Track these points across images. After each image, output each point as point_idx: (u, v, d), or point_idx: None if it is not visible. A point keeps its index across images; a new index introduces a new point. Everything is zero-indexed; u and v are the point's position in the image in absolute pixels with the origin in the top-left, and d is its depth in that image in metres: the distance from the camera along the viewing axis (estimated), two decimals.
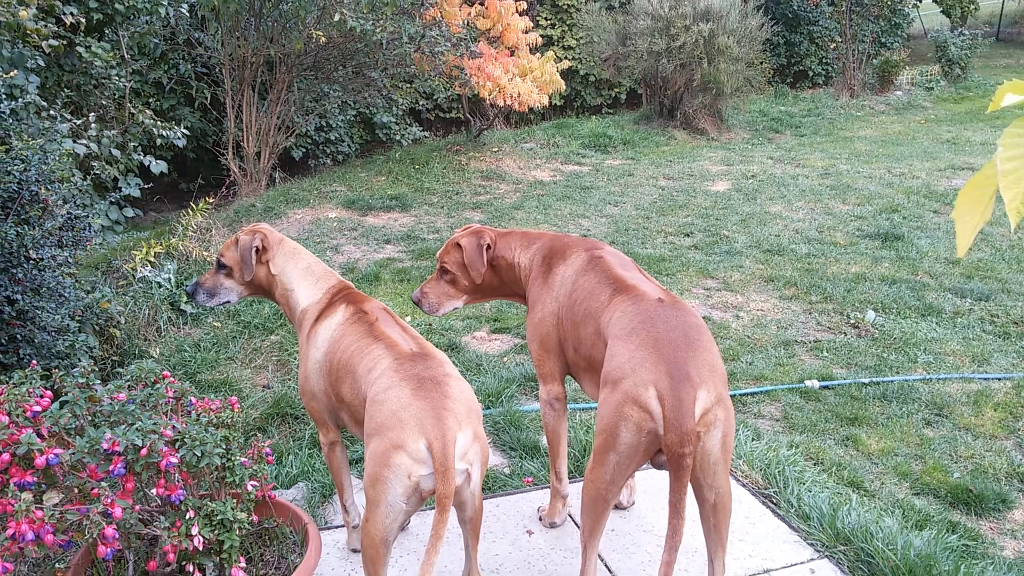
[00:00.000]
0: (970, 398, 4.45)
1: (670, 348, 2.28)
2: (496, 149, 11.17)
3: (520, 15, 10.38)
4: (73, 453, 2.08)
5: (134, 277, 5.69)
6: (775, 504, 3.35)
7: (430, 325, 5.50)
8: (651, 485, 3.45)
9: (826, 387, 4.60)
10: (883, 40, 17.35)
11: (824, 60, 17.46)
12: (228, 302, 3.13)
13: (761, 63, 15.31)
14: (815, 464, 3.81)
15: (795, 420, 4.25)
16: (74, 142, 5.32)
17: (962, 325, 5.44)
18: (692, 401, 2.16)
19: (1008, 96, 1.18)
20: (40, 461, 2.02)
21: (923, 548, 2.90)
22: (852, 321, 5.55)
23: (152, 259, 5.97)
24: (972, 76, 17.35)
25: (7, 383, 2.23)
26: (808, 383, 4.61)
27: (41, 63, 5.13)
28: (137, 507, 2.09)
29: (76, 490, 2.10)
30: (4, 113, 4.18)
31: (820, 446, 3.96)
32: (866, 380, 4.65)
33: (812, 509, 3.21)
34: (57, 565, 2.22)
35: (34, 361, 2.48)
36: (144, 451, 2.07)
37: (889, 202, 8.56)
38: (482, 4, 10.19)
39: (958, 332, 5.34)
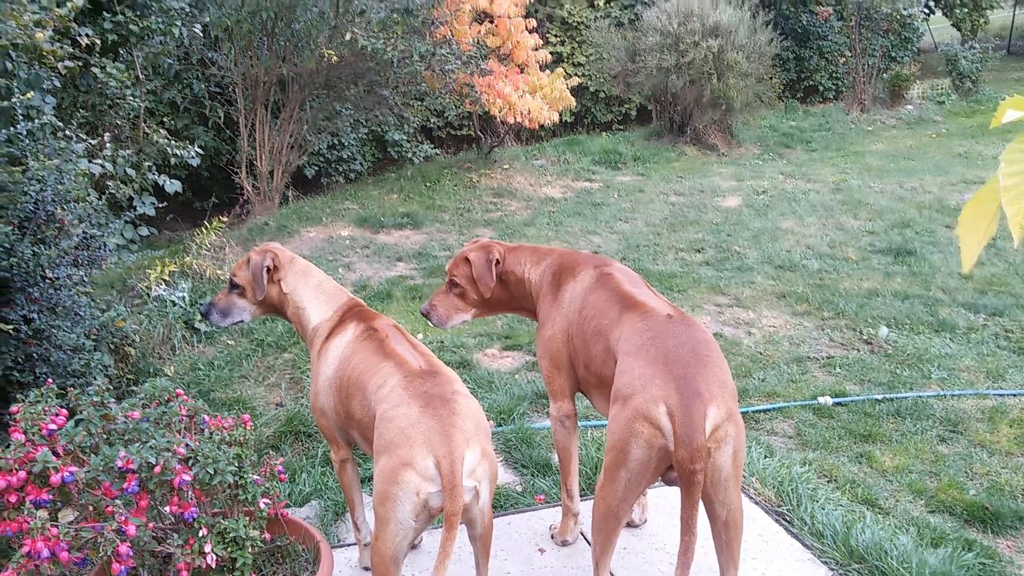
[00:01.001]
0: (985, 414, 4.42)
1: (680, 364, 2.28)
2: (507, 166, 11.22)
3: (530, 33, 10.44)
4: (88, 471, 2.10)
5: (149, 296, 5.74)
6: (788, 522, 3.33)
7: (442, 342, 5.52)
8: (663, 503, 3.43)
9: (839, 404, 4.58)
10: (893, 54, 17.33)
11: (834, 75, 17.46)
12: (242, 321, 3.16)
13: (771, 78, 15.32)
14: (829, 481, 3.79)
15: (808, 437, 4.23)
16: (89, 162, 5.38)
17: (976, 340, 5.41)
18: (702, 417, 2.16)
19: (1009, 112, 1.19)
20: (55, 479, 2.04)
21: (938, 566, 2.87)
22: (865, 337, 5.53)
23: (166, 278, 6.03)
24: (983, 90, 17.29)
25: (23, 402, 2.26)
26: (821, 400, 4.59)
27: (57, 84, 5.19)
28: (151, 525, 2.11)
29: (91, 508, 2.11)
30: (21, 134, 4.24)
31: (833, 463, 3.94)
32: (879, 396, 4.63)
33: (826, 527, 3.19)
34: None
35: (49, 380, 2.51)
36: (158, 469, 2.09)
37: (901, 217, 8.54)
38: (492, 22, 10.26)
39: (972, 348, 5.30)
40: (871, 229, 8.20)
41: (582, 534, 3.21)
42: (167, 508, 2.12)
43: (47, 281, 3.70)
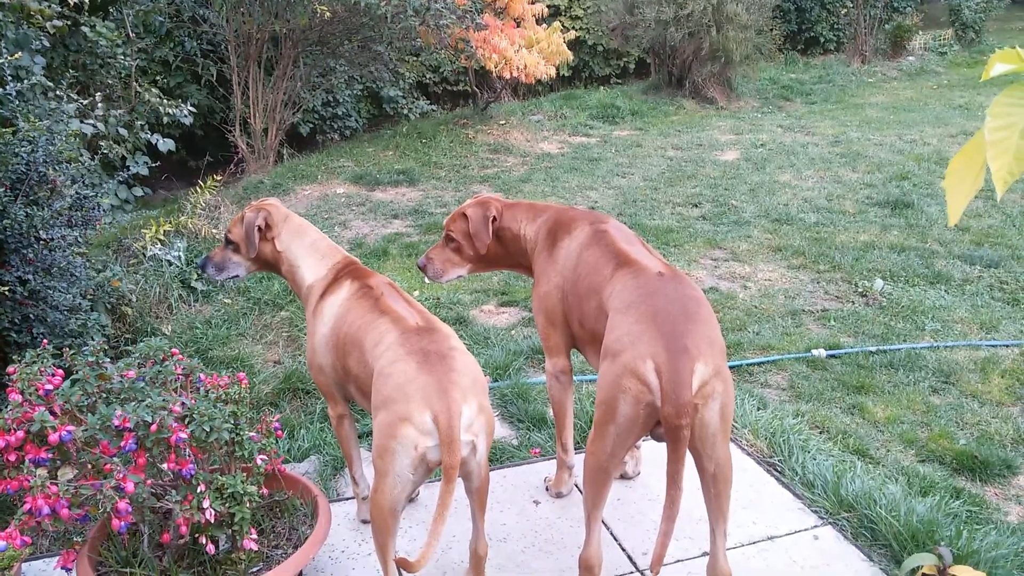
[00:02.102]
0: (977, 365, 4.45)
1: (669, 321, 2.30)
2: (503, 122, 11.13)
3: None
4: (85, 430, 2.13)
5: (144, 255, 5.74)
6: (780, 472, 3.38)
7: (438, 299, 5.54)
8: (657, 456, 3.45)
9: (833, 356, 4.61)
10: (895, 5, 17.05)
11: (835, 26, 17.22)
12: (237, 277, 3.17)
13: (771, 30, 15.12)
14: (821, 432, 3.84)
15: (801, 389, 4.28)
16: (81, 122, 5.35)
17: (971, 292, 5.43)
18: (689, 373, 2.19)
19: (997, 65, 1.18)
20: (54, 438, 2.07)
21: (926, 514, 2.93)
22: (860, 290, 5.54)
23: (162, 237, 6.02)
24: (986, 40, 17.06)
25: (20, 362, 2.28)
26: (815, 352, 4.63)
27: (46, 44, 5.14)
28: (149, 481, 2.15)
29: (89, 465, 2.15)
30: (11, 95, 4.20)
31: (826, 414, 3.99)
32: (873, 348, 4.66)
33: (816, 477, 3.25)
34: (75, 538, 2.28)
35: (45, 340, 2.53)
36: (154, 427, 2.12)
37: (899, 169, 8.50)
38: None
39: (967, 299, 5.33)
40: (869, 182, 8.17)
41: (576, 486, 3.26)
42: (165, 465, 2.16)
43: (41, 242, 3.70)
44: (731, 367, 4.39)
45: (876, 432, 3.87)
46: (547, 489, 3.27)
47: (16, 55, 4.45)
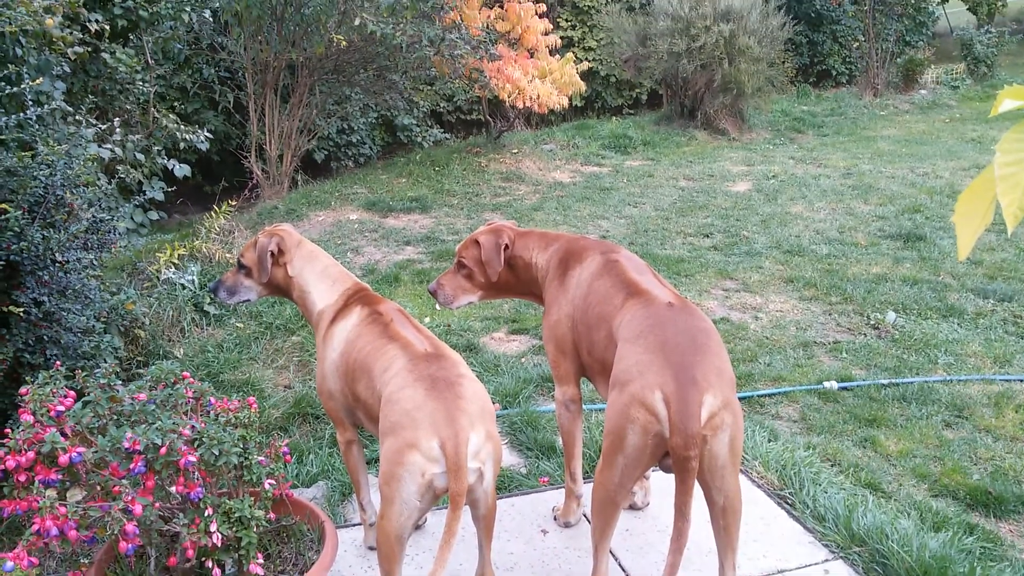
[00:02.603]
0: (991, 400, 4.41)
1: (677, 352, 2.30)
2: (516, 151, 11.21)
3: (539, 17, 10.39)
4: (95, 451, 2.14)
5: (158, 279, 5.78)
6: (791, 505, 3.35)
7: (448, 325, 5.55)
8: (667, 486, 3.45)
9: (845, 388, 4.58)
10: (908, 38, 17.16)
11: (847, 59, 17.32)
12: (248, 300, 3.20)
13: (783, 63, 15.22)
14: (832, 465, 3.80)
15: (813, 421, 4.25)
16: (99, 146, 5.42)
17: (984, 326, 5.39)
18: (698, 405, 2.18)
19: (1006, 102, 1.19)
20: (64, 459, 2.08)
21: (938, 550, 2.89)
22: (872, 322, 5.52)
23: (176, 261, 6.07)
24: (999, 74, 17.12)
25: (32, 383, 2.30)
26: (826, 384, 4.60)
27: (67, 69, 5.22)
28: (157, 504, 2.15)
29: (99, 487, 2.15)
30: (31, 119, 4.27)
31: (837, 447, 3.95)
32: (885, 381, 4.63)
33: (827, 510, 3.21)
34: (82, 560, 2.28)
35: (58, 362, 2.55)
36: (164, 450, 2.13)
37: (912, 202, 8.49)
38: (502, 7, 10.22)
39: (980, 333, 5.29)
40: (881, 214, 8.16)
41: (585, 516, 3.24)
42: (173, 488, 2.16)
43: (57, 264, 3.73)
44: (741, 398, 4.38)
45: (888, 466, 3.84)
46: (555, 518, 3.25)
47: (38, 80, 4.53)
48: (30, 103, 4.39)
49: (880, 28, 16.33)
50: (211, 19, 8.97)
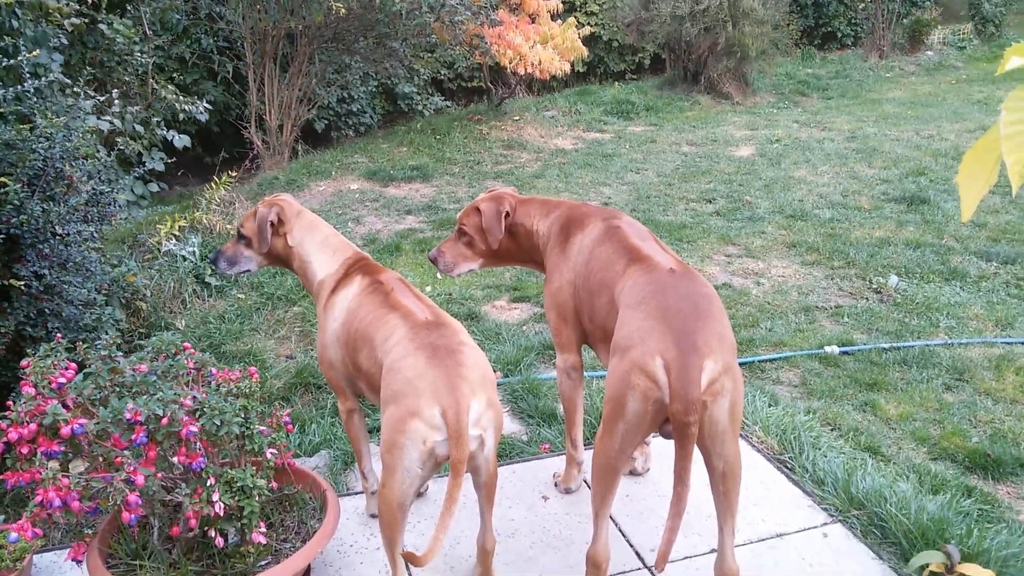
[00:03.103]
0: (992, 363, 4.42)
1: (678, 318, 2.29)
2: (517, 118, 11.13)
3: None
4: (97, 423, 2.15)
5: (159, 251, 5.79)
6: (790, 469, 3.37)
7: (450, 294, 5.55)
8: (667, 451, 3.46)
9: (846, 353, 4.59)
10: None
11: (853, 21, 17.08)
12: (248, 271, 3.20)
13: (788, 25, 15.02)
14: (832, 430, 3.82)
15: (813, 386, 4.26)
16: (98, 118, 5.39)
17: (987, 289, 5.38)
18: (698, 370, 2.18)
19: (1013, 59, 1.17)
20: (66, 431, 2.10)
21: (936, 512, 2.91)
22: (874, 286, 5.51)
23: (177, 232, 6.07)
24: (1007, 34, 16.88)
25: (33, 356, 2.31)
26: (828, 349, 4.60)
27: (64, 41, 5.18)
28: (159, 475, 2.17)
29: (101, 458, 2.17)
30: (29, 92, 4.24)
31: (838, 412, 3.97)
32: (886, 345, 4.63)
33: (827, 474, 3.23)
34: (85, 531, 2.31)
35: (59, 335, 2.56)
36: (165, 420, 2.14)
37: (916, 165, 8.43)
38: None
39: (982, 296, 5.28)
40: (885, 178, 8.11)
41: (585, 482, 3.27)
42: (175, 458, 2.18)
43: (57, 237, 3.73)
44: (743, 364, 4.39)
45: (888, 430, 3.85)
46: (556, 485, 3.28)
47: (34, 52, 4.49)
48: (28, 76, 4.36)
49: None
50: None
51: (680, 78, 13.23)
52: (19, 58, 4.28)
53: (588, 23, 13.76)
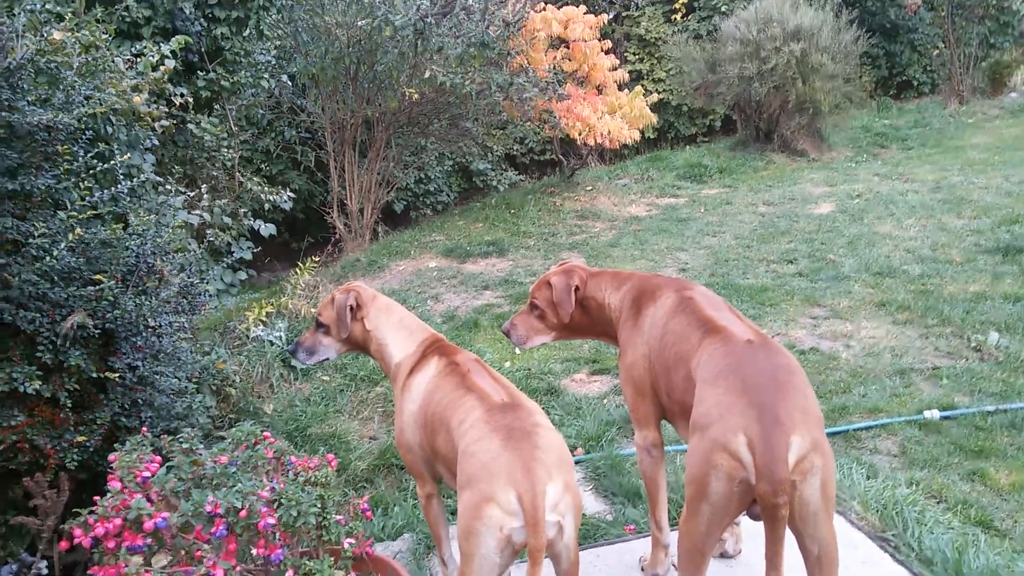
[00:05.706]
0: None
1: (759, 392, 2.21)
2: (590, 187, 11.20)
3: (606, 54, 10.43)
4: (180, 516, 2.19)
5: (248, 336, 5.97)
6: (895, 548, 3.16)
7: (529, 369, 5.52)
8: (761, 530, 3.31)
9: (947, 417, 4.34)
10: (992, 41, 16.46)
11: (928, 68, 16.72)
12: (327, 359, 3.25)
13: (860, 77, 14.80)
14: (938, 502, 3.58)
15: (914, 455, 4.02)
16: (188, 213, 5.68)
17: None
18: (785, 447, 2.08)
19: None
20: (149, 525, 2.13)
21: None
22: (973, 344, 5.23)
23: (264, 318, 6.26)
24: None
25: (120, 450, 2.38)
26: (927, 414, 4.36)
27: (155, 142, 5.50)
28: (239, 567, 2.18)
29: (183, 552, 2.20)
30: (123, 192, 4.50)
31: (943, 482, 3.73)
32: (991, 408, 4.36)
33: (935, 552, 3.02)
34: None
35: (144, 428, 2.63)
36: (244, 512, 2.16)
37: (1009, 213, 8.06)
38: (567, 47, 10.31)
39: None
40: (976, 228, 7.78)
41: (673, 565, 3.13)
42: (254, 550, 2.19)
43: (150, 329, 3.89)
44: (835, 433, 4.19)
45: (1000, 501, 3.59)
46: (642, 569, 3.15)
47: (127, 156, 4.78)
48: (122, 177, 4.62)
49: (961, 33, 15.73)
50: (290, 83, 9.38)
51: (752, 138, 13.13)
52: (113, 162, 4.56)
53: (656, 90, 13.88)
